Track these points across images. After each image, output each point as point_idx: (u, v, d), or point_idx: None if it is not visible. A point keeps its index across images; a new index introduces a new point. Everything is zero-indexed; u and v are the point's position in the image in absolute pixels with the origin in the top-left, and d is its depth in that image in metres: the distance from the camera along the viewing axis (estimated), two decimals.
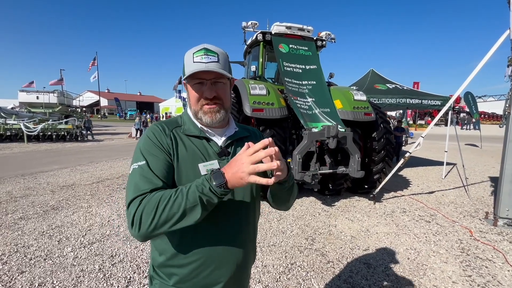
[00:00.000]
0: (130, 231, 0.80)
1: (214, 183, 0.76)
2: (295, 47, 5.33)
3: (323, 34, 5.78)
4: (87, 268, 2.65)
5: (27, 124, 12.95)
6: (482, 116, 31.96)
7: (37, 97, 16.90)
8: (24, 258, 2.80)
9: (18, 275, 2.50)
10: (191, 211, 0.77)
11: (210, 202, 0.78)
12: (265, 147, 0.76)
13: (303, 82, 5.04)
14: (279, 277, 2.59)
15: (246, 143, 0.82)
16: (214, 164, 0.94)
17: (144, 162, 0.86)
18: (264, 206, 4.52)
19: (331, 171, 4.35)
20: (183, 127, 0.98)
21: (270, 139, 0.77)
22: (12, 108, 16.65)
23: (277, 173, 0.81)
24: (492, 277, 2.65)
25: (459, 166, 7.53)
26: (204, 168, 0.92)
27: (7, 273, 2.53)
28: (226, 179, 0.76)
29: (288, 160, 4.40)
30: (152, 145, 0.90)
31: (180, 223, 0.78)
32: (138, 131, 16.44)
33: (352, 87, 6.46)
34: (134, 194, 0.81)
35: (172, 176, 0.89)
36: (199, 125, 0.97)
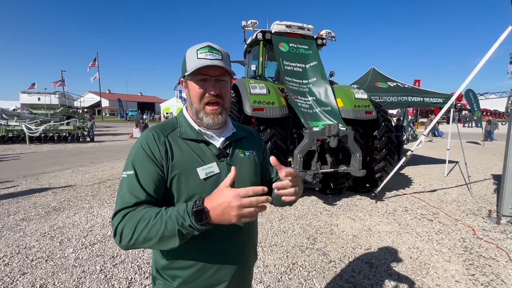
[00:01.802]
0: (114, 239, 0.82)
1: (194, 220, 0.73)
2: (295, 46, 5.30)
3: (323, 32, 5.76)
4: (88, 269, 2.65)
5: (28, 125, 12.98)
6: (484, 113, 31.76)
7: (39, 99, 16.98)
8: (26, 259, 2.81)
9: (20, 277, 2.50)
10: (168, 240, 0.76)
11: (190, 234, 0.77)
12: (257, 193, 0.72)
13: (304, 81, 5.02)
14: (281, 277, 2.57)
15: (233, 167, 0.78)
16: (212, 166, 0.93)
17: (132, 172, 0.86)
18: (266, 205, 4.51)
19: (332, 170, 4.33)
20: (179, 129, 0.95)
21: (265, 188, 0.75)
22: (13, 109, 16.71)
23: (291, 198, 0.84)
24: (496, 276, 2.63)
25: (462, 164, 7.49)
26: (203, 171, 0.91)
27: (8, 274, 2.53)
28: (209, 218, 0.73)
29: (289, 159, 4.39)
30: (143, 155, 0.88)
31: (157, 247, 0.78)
32: None
33: (353, 86, 6.42)
34: (119, 206, 0.82)
35: (161, 189, 0.87)
36: (197, 127, 0.95)
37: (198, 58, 0.89)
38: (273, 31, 5.33)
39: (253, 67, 5.46)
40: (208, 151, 0.95)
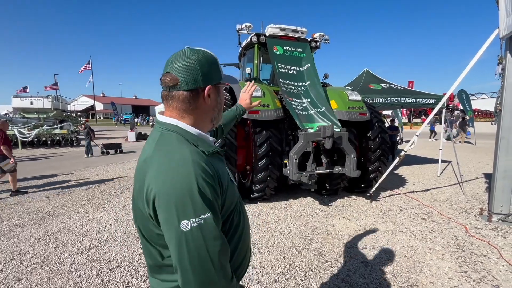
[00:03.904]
0: None
1: None
2: (290, 48, 5.37)
3: (317, 35, 5.83)
4: (84, 274, 2.63)
5: (21, 130, 12.80)
6: (476, 113, 32.36)
7: (31, 103, 16.72)
8: (21, 265, 2.78)
9: (15, 283, 2.47)
10: None
11: None
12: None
13: (298, 83, 5.08)
14: (278, 278, 2.59)
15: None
16: (229, 170, 0.95)
17: (209, 214, 0.71)
18: (262, 208, 4.53)
19: (327, 171, 4.38)
20: (200, 148, 0.81)
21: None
22: (5, 114, 16.46)
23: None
24: (487, 272, 2.69)
25: (454, 163, 7.62)
26: (233, 178, 0.95)
27: (3, 281, 2.50)
28: None
29: (285, 161, 4.43)
30: (210, 189, 0.73)
31: None
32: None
33: (347, 87, 6.51)
34: (227, 268, 0.76)
35: None
36: (210, 138, 0.91)
37: (222, 69, 0.95)
38: (267, 34, 5.38)
39: (248, 70, 5.50)
40: (221, 158, 0.93)
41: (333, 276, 2.63)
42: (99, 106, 52.32)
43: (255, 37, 5.36)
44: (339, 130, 4.24)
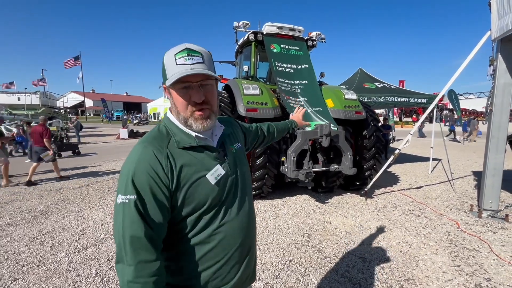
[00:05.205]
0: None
1: None
2: (287, 47, 5.38)
3: (313, 34, 5.87)
4: (83, 273, 2.60)
5: (8, 126, 12.42)
6: (464, 113, 33.25)
7: (18, 99, 16.28)
8: (16, 265, 2.72)
9: (11, 283, 2.42)
10: None
11: None
12: None
13: (295, 82, 5.11)
14: (279, 274, 2.63)
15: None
16: (218, 169, 0.91)
17: (134, 196, 0.77)
18: (259, 205, 4.56)
19: (324, 168, 4.43)
20: (174, 139, 0.88)
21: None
22: None
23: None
24: (479, 266, 2.79)
25: (444, 161, 7.83)
26: (212, 177, 0.89)
27: None
28: None
29: (282, 158, 4.46)
30: (147, 176, 0.79)
31: None
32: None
33: (342, 86, 6.59)
34: (133, 255, 0.75)
35: (167, 217, 0.83)
36: (193, 133, 0.90)
37: (177, 65, 0.83)
38: (264, 32, 5.38)
39: (245, 68, 5.48)
40: (209, 155, 0.92)
41: (333, 272, 2.68)
42: (89, 103, 51.17)
43: (252, 35, 5.35)
44: (336, 128, 4.30)
